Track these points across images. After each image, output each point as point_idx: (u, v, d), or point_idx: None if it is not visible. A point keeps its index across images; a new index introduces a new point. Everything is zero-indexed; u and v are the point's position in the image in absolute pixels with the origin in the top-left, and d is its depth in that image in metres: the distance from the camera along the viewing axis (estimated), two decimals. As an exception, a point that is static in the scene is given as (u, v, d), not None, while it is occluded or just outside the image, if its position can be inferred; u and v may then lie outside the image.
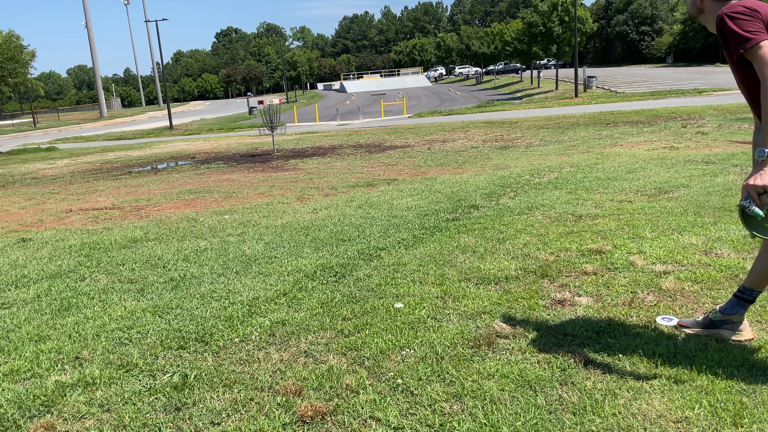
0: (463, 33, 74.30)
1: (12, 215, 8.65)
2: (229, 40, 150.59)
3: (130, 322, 3.61)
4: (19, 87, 36.91)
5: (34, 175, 15.42)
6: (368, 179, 9.68)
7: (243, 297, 3.91)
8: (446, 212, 6.25)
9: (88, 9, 75.11)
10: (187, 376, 2.82)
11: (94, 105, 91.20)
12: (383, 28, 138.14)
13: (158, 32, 37.93)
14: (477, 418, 2.30)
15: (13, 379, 2.94)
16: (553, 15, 39.29)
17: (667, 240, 4.46)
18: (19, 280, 4.80)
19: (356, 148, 15.78)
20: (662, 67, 62.09)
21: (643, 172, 7.78)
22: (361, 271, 4.30)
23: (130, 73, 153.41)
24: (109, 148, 23.20)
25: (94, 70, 79.10)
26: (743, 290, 2.75)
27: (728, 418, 2.18)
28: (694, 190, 6.25)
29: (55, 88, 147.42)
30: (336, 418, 2.39)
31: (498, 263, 4.23)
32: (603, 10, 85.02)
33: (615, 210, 5.66)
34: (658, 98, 25.12)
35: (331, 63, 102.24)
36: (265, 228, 6.21)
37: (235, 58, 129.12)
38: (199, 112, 58.82)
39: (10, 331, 3.61)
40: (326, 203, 7.61)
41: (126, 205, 8.81)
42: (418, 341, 3.01)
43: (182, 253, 5.28)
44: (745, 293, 2.74)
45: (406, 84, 73.15)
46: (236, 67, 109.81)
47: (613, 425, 2.20)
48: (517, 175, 8.55)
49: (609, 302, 3.36)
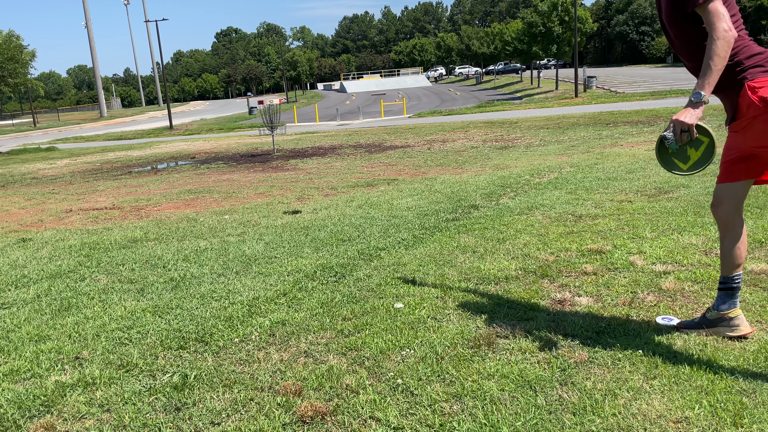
0: (463, 33, 74.31)
1: (12, 215, 8.65)
2: (229, 40, 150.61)
3: (130, 322, 3.61)
4: (19, 87, 36.90)
5: (34, 175, 15.42)
6: (368, 179, 9.68)
7: (243, 297, 3.91)
8: (446, 212, 6.25)
9: (88, 9, 75.17)
10: (187, 376, 2.82)
11: (94, 105, 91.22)
12: (383, 28, 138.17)
13: (158, 32, 37.96)
14: (477, 418, 2.30)
15: (13, 379, 2.94)
16: (553, 15, 39.30)
17: (667, 240, 4.46)
18: (19, 280, 4.80)
19: (356, 148, 15.78)
20: (662, 67, 62.08)
21: (643, 172, 7.78)
22: (361, 271, 4.30)
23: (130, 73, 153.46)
24: (109, 148, 23.20)
25: (94, 70, 79.12)
26: (723, 280, 2.80)
27: (728, 418, 2.18)
28: (694, 190, 6.25)
29: (55, 88, 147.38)
30: (336, 418, 2.39)
31: (498, 263, 4.23)
32: (603, 10, 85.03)
33: (615, 210, 5.66)
34: (658, 98, 25.12)
35: (331, 63, 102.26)
36: (265, 228, 6.21)
37: (235, 58, 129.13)
38: (199, 112, 58.82)
39: (10, 331, 3.61)
40: (326, 203, 7.61)
41: (126, 205, 8.81)
42: (418, 341, 3.01)
43: (182, 253, 5.28)
44: (727, 282, 2.78)
45: (406, 84, 73.17)
46: (236, 67, 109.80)
47: (613, 425, 2.20)
48: (517, 175, 8.55)
49: (609, 302, 3.35)
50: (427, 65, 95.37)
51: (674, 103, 21.30)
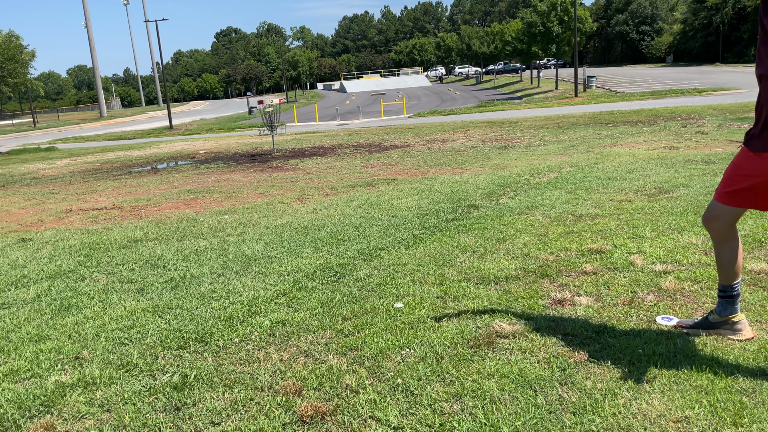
0: (463, 33, 74.34)
1: (12, 215, 8.65)
2: (229, 40, 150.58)
3: (130, 322, 3.61)
4: (19, 87, 36.94)
5: (33, 175, 15.42)
6: (368, 179, 9.68)
7: (243, 297, 3.91)
8: (446, 212, 6.25)
9: (87, 9, 75.16)
10: (187, 376, 2.82)
11: (93, 105, 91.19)
12: (383, 27, 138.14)
13: (158, 32, 37.93)
14: (477, 418, 2.30)
15: (13, 379, 2.94)
16: (552, 15, 39.32)
17: (667, 240, 4.46)
18: (19, 280, 4.80)
19: (356, 148, 15.78)
20: (662, 66, 62.06)
21: (642, 171, 7.78)
22: (361, 271, 4.30)
23: (130, 73, 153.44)
24: (109, 148, 23.19)
25: (94, 70, 79.12)
26: (723, 289, 2.80)
27: (728, 418, 2.18)
28: (694, 190, 6.25)
29: (55, 88, 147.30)
30: (336, 418, 2.39)
31: (498, 263, 4.23)
32: (603, 10, 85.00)
33: (615, 210, 5.66)
34: (657, 98, 25.12)
35: (331, 63, 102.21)
36: (264, 228, 6.21)
37: (235, 58, 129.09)
38: (199, 112, 58.81)
39: (10, 331, 3.61)
40: (326, 203, 7.60)
41: (126, 205, 8.80)
42: (418, 341, 3.01)
43: (182, 253, 5.28)
44: (726, 290, 2.79)
45: (406, 84, 73.13)
46: (236, 67, 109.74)
47: (613, 425, 2.20)
48: (517, 175, 8.55)
49: (609, 302, 3.35)
50: (426, 65, 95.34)
51: (674, 103, 21.30)
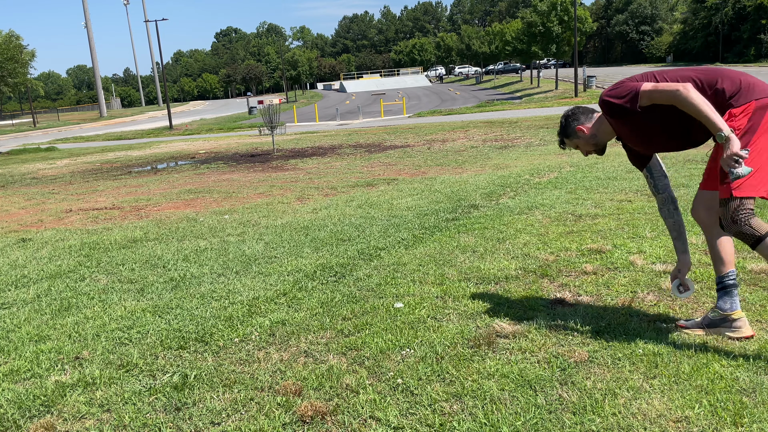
0: (463, 33, 74.26)
1: (12, 215, 8.65)
2: (229, 40, 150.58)
3: (130, 322, 3.61)
4: (19, 87, 36.91)
5: (33, 175, 15.42)
6: (368, 179, 9.68)
7: (243, 297, 3.91)
8: (446, 212, 6.25)
9: (87, 9, 75.16)
10: (187, 376, 2.82)
11: (93, 105, 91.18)
12: (383, 27, 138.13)
13: (158, 32, 37.94)
14: (477, 418, 2.30)
15: (13, 379, 2.94)
16: (552, 15, 39.31)
17: (667, 239, 4.46)
18: (19, 280, 4.80)
19: (356, 148, 15.78)
20: (662, 66, 62.08)
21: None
22: (361, 271, 4.30)
23: (130, 73, 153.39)
24: (109, 148, 23.19)
25: (94, 70, 79.12)
26: (718, 280, 2.83)
27: (728, 418, 2.18)
28: (694, 190, 6.23)
29: (54, 88, 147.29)
30: (336, 418, 2.39)
31: (498, 263, 4.23)
32: (603, 10, 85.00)
33: (615, 209, 5.66)
34: (657, 98, 25.06)
35: (331, 63, 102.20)
36: (264, 228, 6.21)
37: (235, 58, 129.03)
38: (199, 112, 58.81)
39: (10, 331, 3.61)
40: (326, 203, 7.61)
41: (126, 205, 8.80)
42: (418, 341, 3.01)
43: (182, 253, 5.28)
44: (722, 280, 2.82)
45: (406, 84, 73.12)
46: (236, 67, 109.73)
47: (613, 425, 2.20)
48: (517, 175, 8.55)
49: (609, 302, 3.36)
50: (426, 65, 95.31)
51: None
